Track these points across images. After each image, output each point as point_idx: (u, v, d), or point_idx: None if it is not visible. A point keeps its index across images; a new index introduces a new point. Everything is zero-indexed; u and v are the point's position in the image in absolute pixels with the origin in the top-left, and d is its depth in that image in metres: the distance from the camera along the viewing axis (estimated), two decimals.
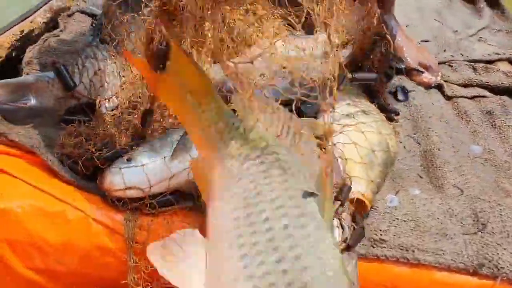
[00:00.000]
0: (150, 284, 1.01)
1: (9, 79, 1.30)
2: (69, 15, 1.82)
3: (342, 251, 0.95)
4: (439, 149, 1.34)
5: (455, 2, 2.27)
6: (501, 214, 1.12)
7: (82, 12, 1.84)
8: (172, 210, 1.07)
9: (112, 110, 1.28)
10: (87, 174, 1.08)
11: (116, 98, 1.31)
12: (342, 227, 0.99)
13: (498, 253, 1.03)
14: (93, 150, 1.08)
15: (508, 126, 1.46)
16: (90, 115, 1.27)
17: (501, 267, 1.02)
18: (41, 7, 1.79)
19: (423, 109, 1.51)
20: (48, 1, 1.83)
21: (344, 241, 0.97)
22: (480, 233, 1.08)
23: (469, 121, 1.49)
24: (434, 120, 1.47)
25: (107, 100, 1.30)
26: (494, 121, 1.48)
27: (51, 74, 1.29)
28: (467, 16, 2.15)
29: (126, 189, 1.03)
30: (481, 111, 1.53)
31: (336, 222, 0.98)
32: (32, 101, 1.27)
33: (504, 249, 1.04)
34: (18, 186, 1.07)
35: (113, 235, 1.04)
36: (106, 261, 1.05)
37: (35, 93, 1.26)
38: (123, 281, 1.02)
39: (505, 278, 1.01)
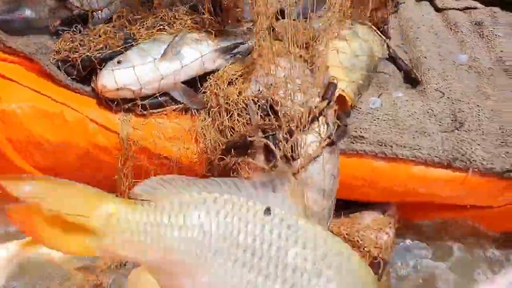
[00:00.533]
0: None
1: None
2: None
3: (326, 146, 1.00)
4: (425, 57, 1.37)
5: None
6: (478, 115, 1.18)
7: None
8: (163, 111, 1.13)
9: (105, 21, 1.31)
10: (82, 77, 1.13)
11: (108, 9, 1.34)
12: (327, 124, 1.03)
13: (471, 148, 1.10)
14: (88, 53, 1.12)
15: (496, 35, 1.48)
16: (83, 26, 1.30)
17: (473, 160, 1.09)
18: None
19: (413, 20, 1.53)
20: None
21: (329, 137, 1.01)
22: (456, 130, 1.14)
23: (458, 31, 1.51)
24: (423, 30, 1.49)
25: (100, 11, 1.32)
26: (482, 31, 1.50)
27: None
28: None
29: (118, 89, 1.09)
30: (470, 22, 1.55)
31: (321, 119, 1.02)
32: (27, 12, 1.30)
33: (478, 144, 1.11)
34: (17, 89, 1.13)
35: (109, 134, 1.10)
36: (102, 159, 1.12)
37: (30, 4, 1.29)
38: (115, 177, 1.10)
39: (476, 170, 1.08)
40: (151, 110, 1.11)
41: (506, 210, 1.16)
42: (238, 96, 1.04)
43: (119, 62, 1.09)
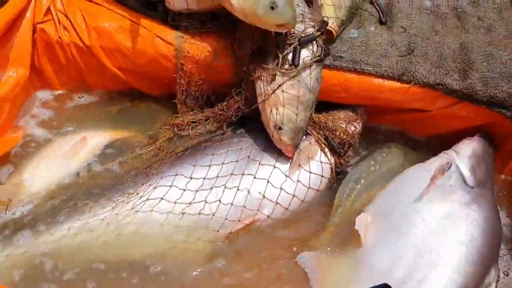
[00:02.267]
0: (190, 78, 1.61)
1: None
2: None
3: (315, 62, 1.51)
4: (398, 2, 1.81)
5: None
6: (426, 45, 1.65)
7: None
8: (210, 30, 1.61)
9: None
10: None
11: None
12: (318, 46, 1.53)
13: (416, 68, 1.59)
14: None
15: None
16: None
17: (415, 76, 1.58)
18: None
19: None
20: None
21: (319, 56, 1.51)
22: (408, 56, 1.62)
23: None
24: None
25: None
26: None
27: None
28: None
29: None
30: None
31: (314, 42, 1.52)
32: None
33: (421, 66, 1.59)
34: (106, 12, 1.63)
35: (168, 46, 1.60)
36: (163, 63, 1.63)
37: None
38: (174, 75, 1.62)
39: (416, 83, 1.58)
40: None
41: (439, 113, 1.66)
42: None
43: None
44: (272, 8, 1.32)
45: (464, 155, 1.59)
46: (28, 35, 1.60)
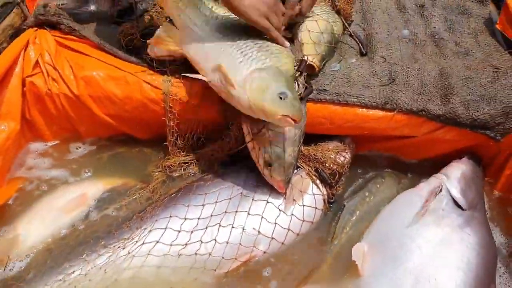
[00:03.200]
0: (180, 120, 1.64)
1: None
2: None
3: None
4: (376, 33, 1.88)
5: None
6: (407, 73, 1.70)
7: None
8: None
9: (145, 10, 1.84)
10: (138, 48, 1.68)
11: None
12: (298, 85, 1.57)
13: (398, 96, 1.63)
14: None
15: (432, 15, 1.98)
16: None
17: (398, 104, 1.62)
18: None
19: (372, 4, 2.03)
20: None
21: (299, 95, 1.54)
22: (390, 85, 1.67)
23: (405, 12, 2.01)
24: (379, 12, 1.99)
25: (140, 3, 1.86)
26: (423, 12, 2.01)
27: None
28: None
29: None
30: (416, 4, 2.05)
31: (296, 82, 1.56)
32: (92, 7, 1.85)
33: (403, 94, 1.64)
34: (93, 61, 1.68)
35: (156, 90, 1.64)
36: (152, 108, 1.67)
37: (94, 2, 1.84)
38: (163, 118, 1.65)
39: (400, 110, 1.62)
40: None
41: (425, 138, 1.70)
42: None
43: None
44: (281, 98, 1.36)
45: (454, 178, 1.62)
46: (18, 89, 1.64)
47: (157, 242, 1.44)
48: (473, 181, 1.64)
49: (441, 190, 1.56)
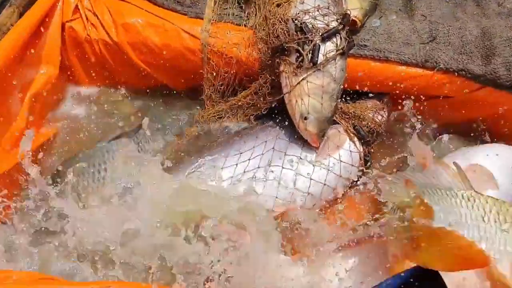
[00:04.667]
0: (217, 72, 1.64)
1: None
2: None
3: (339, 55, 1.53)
4: None
5: None
6: (448, 32, 1.68)
7: None
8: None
9: None
10: None
11: None
12: (341, 39, 1.55)
13: (439, 55, 1.61)
14: None
15: None
16: None
17: (438, 63, 1.60)
18: None
19: None
20: None
21: (342, 48, 1.53)
22: (430, 43, 1.65)
23: None
24: None
25: None
26: None
27: None
28: None
29: None
30: None
31: (338, 36, 1.54)
32: None
33: (443, 53, 1.62)
34: (133, 9, 1.68)
35: (195, 40, 1.64)
36: (191, 58, 1.66)
37: None
38: (200, 69, 1.66)
39: (439, 69, 1.60)
40: None
41: (464, 99, 1.68)
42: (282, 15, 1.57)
43: None
44: None
45: None
46: (57, 33, 1.64)
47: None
48: None
49: None
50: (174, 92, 1.83)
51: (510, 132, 1.70)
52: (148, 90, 1.83)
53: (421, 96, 1.69)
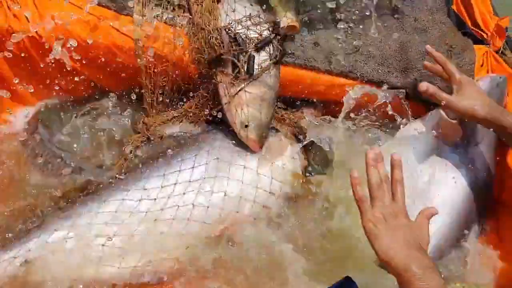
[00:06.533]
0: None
1: None
2: None
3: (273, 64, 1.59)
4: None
5: None
6: (370, 44, 1.78)
7: None
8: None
9: None
10: None
11: None
12: (274, 47, 1.61)
13: (361, 66, 1.72)
14: None
15: None
16: None
17: (361, 73, 1.71)
18: None
19: None
20: None
21: (275, 57, 1.61)
22: (354, 54, 1.75)
23: None
24: None
25: None
26: None
27: None
28: None
29: None
30: None
31: (271, 45, 1.60)
32: None
33: (366, 64, 1.72)
34: (59, 2, 1.60)
35: (125, 37, 1.61)
36: (121, 56, 1.63)
37: None
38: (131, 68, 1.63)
39: (362, 80, 1.71)
40: None
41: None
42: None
43: None
44: None
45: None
46: None
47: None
48: None
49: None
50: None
51: None
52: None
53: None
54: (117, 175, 1.54)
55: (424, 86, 1.56)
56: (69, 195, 1.51)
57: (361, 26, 1.84)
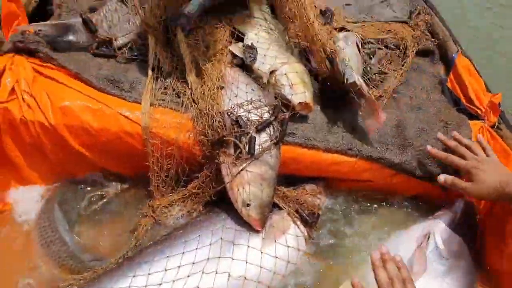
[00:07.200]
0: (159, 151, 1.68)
1: (55, 21, 1.91)
2: None
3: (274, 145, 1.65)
4: None
5: None
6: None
7: None
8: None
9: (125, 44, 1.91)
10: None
11: (126, 37, 1.93)
12: (274, 128, 1.68)
13: (360, 143, 1.77)
14: None
15: None
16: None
17: (360, 151, 1.76)
18: None
19: None
20: None
21: (275, 138, 1.66)
22: (351, 132, 1.81)
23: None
24: None
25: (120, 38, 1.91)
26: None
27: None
28: None
29: None
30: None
31: (271, 126, 1.67)
32: (71, 37, 1.88)
33: (364, 141, 1.77)
34: (71, 91, 1.71)
35: (133, 123, 1.68)
36: (129, 142, 1.70)
37: (73, 32, 1.87)
38: (139, 152, 1.70)
39: (361, 157, 1.75)
40: None
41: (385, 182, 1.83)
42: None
43: None
44: None
45: (440, 225, 1.67)
46: None
47: None
48: (460, 229, 1.67)
49: (429, 238, 1.63)
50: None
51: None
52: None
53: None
54: (121, 259, 1.55)
55: (442, 178, 1.62)
56: (69, 280, 1.51)
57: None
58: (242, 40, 1.91)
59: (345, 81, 1.73)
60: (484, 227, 1.76)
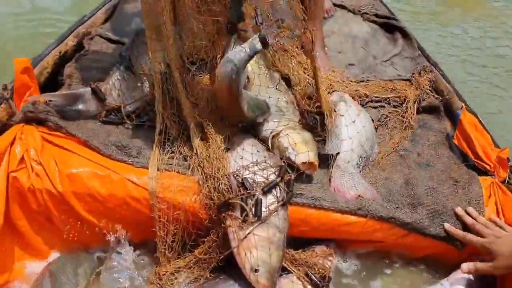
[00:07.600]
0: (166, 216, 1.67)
1: (65, 91, 1.97)
2: (91, 38, 2.46)
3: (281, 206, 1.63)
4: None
5: (378, 33, 2.96)
6: (375, 182, 1.84)
7: (100, 36, 2.48)
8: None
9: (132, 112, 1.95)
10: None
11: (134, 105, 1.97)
12: (280, 190, 1.67)
13: (369, 203, 1.74)
14: None
15: None
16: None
17: (370, 211, 1.73)
18: (70, 33, 2.44)
19: None
20: (75, 28, 2.48)
21: (282, 199, 1.65)
22: None
23: None
24: None
25: (128, 106, 1.96)
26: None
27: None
28: (385, 44, 2.85)
29: None
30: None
31: (277, 188, 1.66)
32: (80, 106, 1.92)
33: (373, 201, 1.76)
34: (79, 159, 1.73)
35: (140, 189, 1.69)
36: (135, 206, 1.70)
37: (82, 101, 1.92)
38: (146, 218, 1.69)
39: (371, 217, 1.73)
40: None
41: (396, 242, 1.79)
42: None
43: None
44: None
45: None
46: (2, 185, 1.65)
47: None
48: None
49: None
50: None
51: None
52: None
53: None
54: None
55: (465, 268, 1.62)
56: None
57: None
58: None
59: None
60: (503, 285, 1.69)
